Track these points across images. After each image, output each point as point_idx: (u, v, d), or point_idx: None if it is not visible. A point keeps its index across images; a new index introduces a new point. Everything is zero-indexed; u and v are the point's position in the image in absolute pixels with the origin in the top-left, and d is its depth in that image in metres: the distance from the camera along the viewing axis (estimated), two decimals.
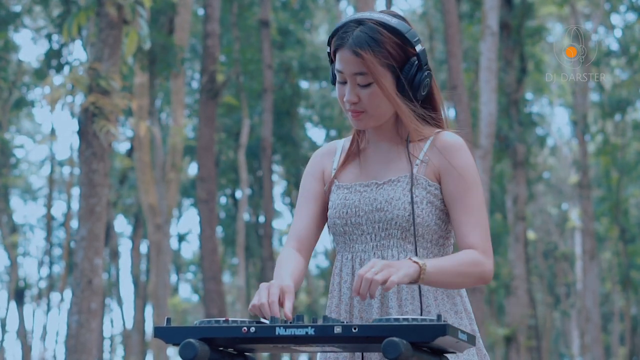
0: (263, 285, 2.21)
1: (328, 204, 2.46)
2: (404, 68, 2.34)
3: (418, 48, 2.35)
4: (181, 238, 32.36)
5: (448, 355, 2.06)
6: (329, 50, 2.42)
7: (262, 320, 2.15)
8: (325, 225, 2.49)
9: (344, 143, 2.52)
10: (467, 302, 2.41)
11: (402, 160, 2.39)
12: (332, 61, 2.42)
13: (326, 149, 2.53)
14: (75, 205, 22.88)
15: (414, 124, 2.37)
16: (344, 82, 2.36)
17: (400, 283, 2.10)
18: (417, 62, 2.34)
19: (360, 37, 2.32)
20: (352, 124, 2.42)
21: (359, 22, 2.35)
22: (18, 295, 26.38)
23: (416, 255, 2.32)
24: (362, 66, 2.31)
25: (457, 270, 2.23)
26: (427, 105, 2.42)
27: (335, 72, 2.38)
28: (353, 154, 2.48)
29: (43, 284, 30.77)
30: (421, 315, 2.30)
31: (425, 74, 2.35)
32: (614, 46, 22.90)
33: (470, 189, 2.33)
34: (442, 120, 2.44)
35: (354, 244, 2.39)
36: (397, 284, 2.08)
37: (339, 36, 2.35)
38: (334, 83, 2.42)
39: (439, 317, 1.90)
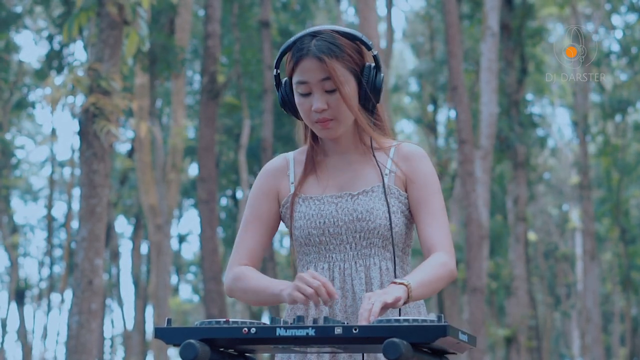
0: (298, 279, 2.21)
1: (285, 219, 2.50)
2: (363, 71, 2.41)
3: (373, 52, 2.42)
4: (182, 239, 32.37)
5: (449, 356, 2.06)
6: (276, 74, 2.47)
7: (301, 313, 2.20)
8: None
9: (294, 156, 2.55)
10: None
11: (370, 170, 2.45)
12: (277, 84, 2.47)
13: (275, 166, 2.55)
14: (75, 206, 22.89)
15: (374, 132, 2.45)
16: (308, 94, 2.39)
17: (394, 305, 2.13)
18: (374, 64, 2.42)
19: (321, 45, 2.37)
20: (320, 135, 2.45)
21: (314, 34, 2.41)
22: (18, 295, 26.38)
23: (394, 263, 2.40)
24: (327, 72, 2.36)
25: (434, 278, 2.30)
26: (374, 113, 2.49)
27: (296, 84, 2.40)
28: (311, 166, 2.51)
29: (43, 285, 30.79)
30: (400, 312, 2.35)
31: (382, 76, 2.43)
32: (615, 47, 22.90)
33: (434, 195, 2.42)
34: (387, 129, 2.50)
35: (331, 253, 2.43)
36: (392, 305, 2.12)
37: (297, 48, 2.39)
38: (283, 105, 2.47)
39: (439, 317, 1.90)
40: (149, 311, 24.23)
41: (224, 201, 27.34)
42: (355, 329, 1.92)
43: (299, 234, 2.46)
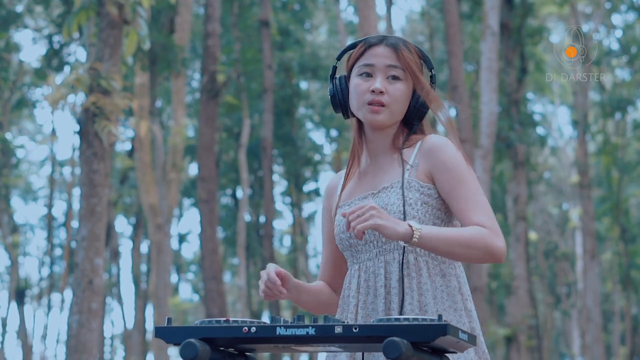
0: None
1: None
2: (421, 81, 2.49)
3: (433, 72, 2.52)
4: (182, 238, 32.34)
5: (449, 355, 2.06)
6: (335, 64, 2.55)
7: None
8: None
9: (346, 170, 2.62)
10: (468, 300, 2.44)
11: (394, 168, 2.48)
12: (332, 75, 2.55)
13: (330, 185, 2.65)
14: (76, 206, 22.88)
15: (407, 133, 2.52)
16: (369, 76, 2.46)
17: (384, 232, 2.21)
18: (432, 83, 2.52)
19: (397, 41, 2.48)
20: (367, 118, 2.48)
21: (388, 36, 2.52)
22: (19, 295, 26.37)
23: (402, 255, 2.40)
24: (398, 61, 2.45)
25: (459, 239, 2.30)
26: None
27: (360, 67, 2.48)
28: (356, 173, 2.57)
29: (44, 284, 30.77)
30: (401, 310, 2.34)
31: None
32: (615, 46, 22.89)
33: (463, 180, 2.42)
34: (426, 129, 2.57)
35: (360, 254, 2.46)
36: (380, 230, 2.21)
37: (369, 40, 2.49)
38: (332, 99, 2.53)
39: (439, 317, 1.91)
40: (149, 310, 24.23)
41: (224, 200, 27.32)
42: (355, 328, 1.92)
43: (337, 242, 2.53)
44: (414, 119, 2.50)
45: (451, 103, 13.87)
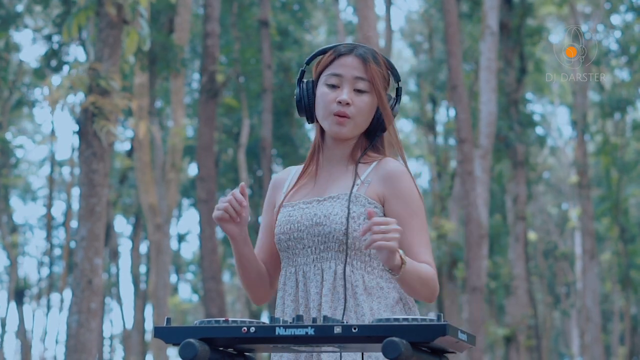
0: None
1: None
2: (386, 94, 2.50)
3: (400, 84, 2.53)
4: (181, 238, 32.36)
5: (448, 355, 2.06)
6: (303, 68, 2.55)
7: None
8: None
9: (297, 168, 2.62)
10: (413, 312, 2.47)
11: (346, 179, 2.49)
12: (300, 79, 2.54)
13: (277, 178, 2.65)
14: (75, 205, 22.87)
15: (369, 149, 2.52)
16: (336, 87, 2.46)
17: (390, 256, 2.18)
18: (397, 95, 2.53)
19: (366, 52, 2.48)
20: (332, 129, 2.49)
21: (357, 45, 2.51)
22: (18, 295, 26.37)
23: (344, 267, 2.40)
24: (365, 73, 2.45)
25: (424, 278, 2.33)
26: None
27: (327, 76, 2.47)
28: (309, 176, 2.57)
29: (43, 284, 30.77)
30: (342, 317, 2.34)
31: (398, 108, 2.53)
32: (614, 46, 22.90)
33: (417, 213, 2.43)
34: (384, 151, 2.55)
35: (297, 257, 2.48)
36: (389, 254, 2.18)
37: (339, 48, 2.49)
38: (298, 103, 2.53)
39: (439, 316, 1.90)
40: (149, 310, 24.23)
41: None
42: (355, 328, 1.92)
43: (275, 240, 2.53)
44: (376, 132, 2.51)
45: (450, 103, 13.85)
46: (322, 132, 2.55)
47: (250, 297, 2.58)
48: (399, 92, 2.53)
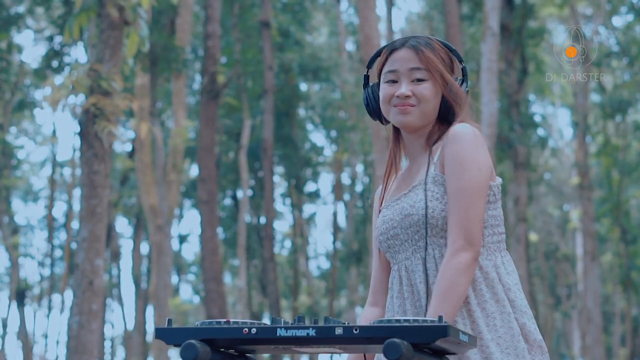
0: None
1: None
2: (446, 78, 2.48)
3: (462, 64, 2.52)
4: (182, 239, 32.35)
5: (448, 356, 2.05)
6: (366, 73, 2.58)
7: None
8: None
9: (384, 178, 2.64)
10: (512, 291, 2.40)
11: (425, 165, 2.48)
12: (365, 84, 2.57)
13: (377, 192, 2.65)
14: (76, 206, 22.88)
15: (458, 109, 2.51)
16: (394, 82, 2.47)
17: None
18: (462, 76, 2.53)
19: (419, 41, 2.48)
20: (397, 120, 2.49)
21: (411, 37, 2.52)
22: (19, 296, 26.37)
23: (424, 249, 2.40)
24: (420, 63, 2.45)
25: (447, 292, 2.29)
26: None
27: (385, 74, 2.49)
28: (392, 180, 2.60)
29: (44, 285, 30.79)
30: (425, 309, 2.36)
31: (467, 89, 2.53)
32: (615, 47, 22.89)
33: (452, 176, 2.39)
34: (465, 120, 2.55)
35: (398, 254, 2.49)
36: None
37: (392, 44, 2.50)
38: (366, 106, 2.56)
39: (440, 317, 1.90)
40: (150, 311, 24.22)
41: (224, 202, 27.33)
42: (356, 329, 1.92)
43: (378, 245, 2.55)
44: (448, 115, 2.50)
45: None
46: (396, 131, 2.56)
47: None
48: (464, 71, 2.53)
